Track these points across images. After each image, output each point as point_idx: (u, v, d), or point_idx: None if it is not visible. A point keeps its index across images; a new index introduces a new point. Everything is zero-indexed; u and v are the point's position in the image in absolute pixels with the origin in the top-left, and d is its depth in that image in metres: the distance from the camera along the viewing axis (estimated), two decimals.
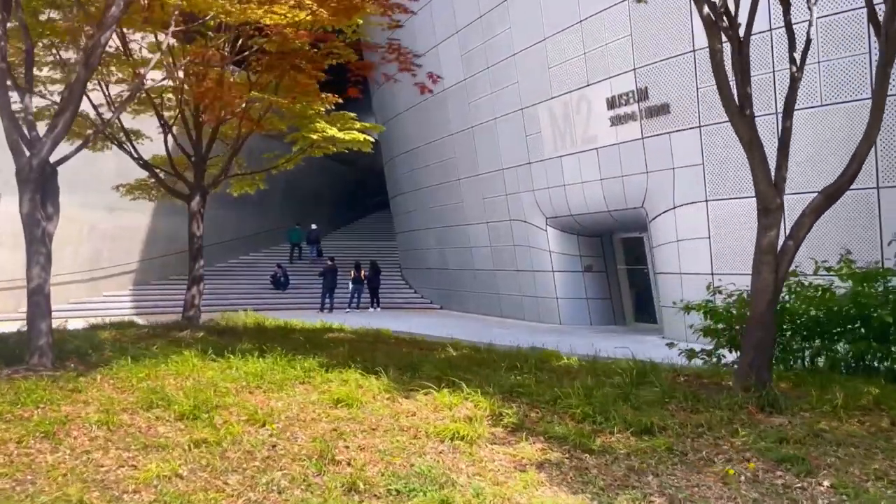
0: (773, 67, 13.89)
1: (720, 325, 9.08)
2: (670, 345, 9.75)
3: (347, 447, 5.44)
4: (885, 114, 12.63)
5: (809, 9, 7.32)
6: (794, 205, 13.10)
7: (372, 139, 13.50)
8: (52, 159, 8.39)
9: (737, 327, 9.01)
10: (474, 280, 25.25)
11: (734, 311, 8.96)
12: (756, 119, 7.03)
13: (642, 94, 17.09)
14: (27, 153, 8.07)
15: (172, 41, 10.05)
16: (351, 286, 26.64)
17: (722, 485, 4.73)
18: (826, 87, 13.59)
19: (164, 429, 5.99)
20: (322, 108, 12.73)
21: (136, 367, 7.85)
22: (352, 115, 13.41)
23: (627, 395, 6.47)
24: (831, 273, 8.35)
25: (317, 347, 9.60)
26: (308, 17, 9.95)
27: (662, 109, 16.67)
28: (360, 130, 13.23)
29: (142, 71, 10.39)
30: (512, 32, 20.70)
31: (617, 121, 17.84)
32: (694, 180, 16.11)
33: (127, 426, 6.04)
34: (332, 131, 12.63)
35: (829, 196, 6.65)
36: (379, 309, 26.75)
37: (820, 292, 8.22)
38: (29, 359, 8.00)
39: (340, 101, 12.84)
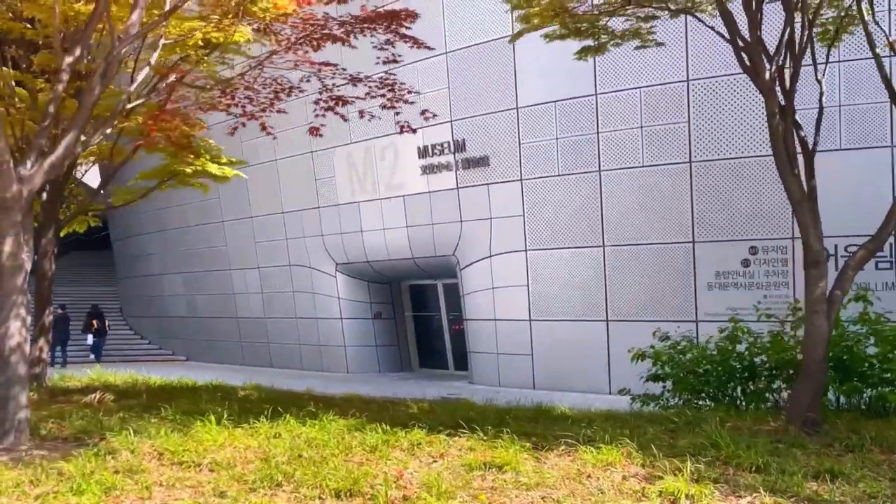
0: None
1: (680, 373, 9.57)
2: (622, 391, 10.08)
3: None
4: (693, 175, 14.76)
5: (818, 81, 8.26)
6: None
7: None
8: None
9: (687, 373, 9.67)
10: (236, 329, 23.58)
11: (691, 358, 9.58)
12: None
13: (459, 146, 17.58)
14: (14, 181, 6.04)
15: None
16: (92, 339, 23.24)
17: None
18: (647, 150, 15.17)
19: None
20: (210, 140, 11.22)
21: (155, 439, 6.42)
22: (219, 146, 12.00)
23: (748, 443, 6.64)
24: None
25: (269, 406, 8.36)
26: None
27: (481, 161, 17.27)
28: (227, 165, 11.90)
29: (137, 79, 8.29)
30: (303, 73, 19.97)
31: (429, 170, 18.09)
32: (513, 230, 16.89)
33: None
34: (209, 166, 11.18)
35: (870, 251, 7.56)
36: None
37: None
38: (2, 438, 6.12)
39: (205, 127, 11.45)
